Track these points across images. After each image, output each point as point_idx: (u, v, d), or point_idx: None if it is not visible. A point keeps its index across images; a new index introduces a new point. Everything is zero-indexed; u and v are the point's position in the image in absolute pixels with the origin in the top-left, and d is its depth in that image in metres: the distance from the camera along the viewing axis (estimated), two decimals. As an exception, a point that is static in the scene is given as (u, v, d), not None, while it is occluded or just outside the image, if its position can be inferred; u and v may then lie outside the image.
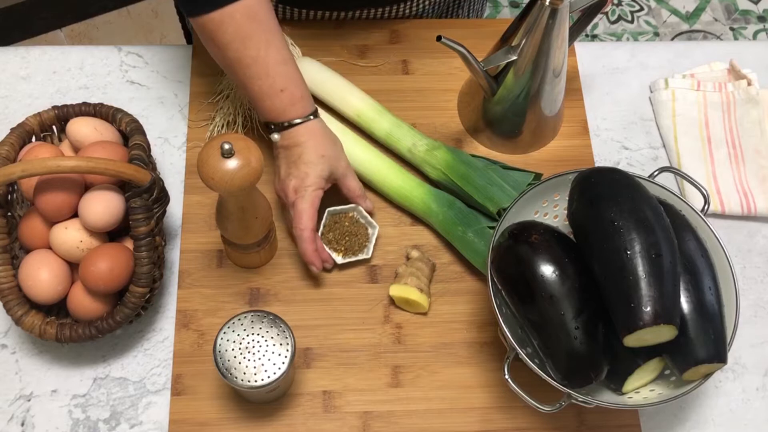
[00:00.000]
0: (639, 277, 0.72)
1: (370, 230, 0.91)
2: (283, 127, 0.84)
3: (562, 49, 0.89)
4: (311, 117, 0.85)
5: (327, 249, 0.89)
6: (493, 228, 0.88)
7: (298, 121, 0.84)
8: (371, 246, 0.90)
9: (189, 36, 1.24)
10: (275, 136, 0.84)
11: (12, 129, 0.85)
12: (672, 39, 2.20)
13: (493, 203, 0.89)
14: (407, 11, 1.06)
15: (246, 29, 0.80)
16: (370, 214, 0.92)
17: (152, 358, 0.86)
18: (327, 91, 0.97)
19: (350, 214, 0.92)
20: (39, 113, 0.87)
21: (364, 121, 0.96)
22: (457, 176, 0.91)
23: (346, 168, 0.88)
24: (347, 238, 0.90)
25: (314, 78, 0.96)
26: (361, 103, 0.96)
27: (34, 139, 0.87)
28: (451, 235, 0.90)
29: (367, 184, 0.94)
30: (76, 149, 0.86)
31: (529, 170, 0.94)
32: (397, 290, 0.87)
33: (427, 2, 1.06)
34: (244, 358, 0.74)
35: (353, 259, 0.89)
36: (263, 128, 0.87)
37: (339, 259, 0.89)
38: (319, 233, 0.90)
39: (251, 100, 0.85)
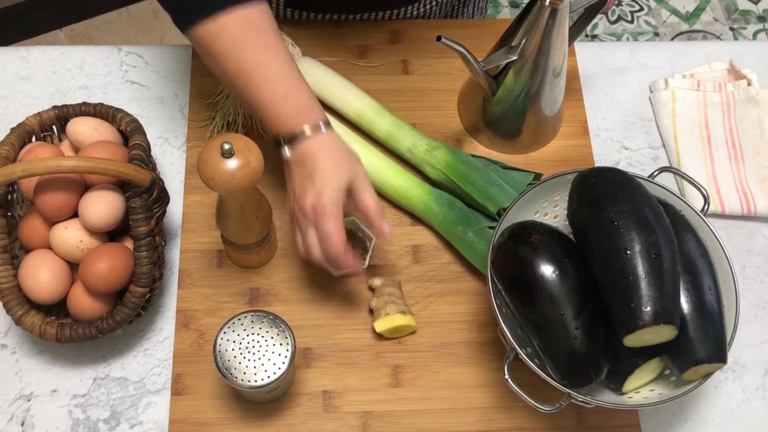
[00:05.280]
0: (639, 277, 0.72)
1: (367, 242, 0.91)
2: (293, 140, 0.78)
3: (562, 49, 0.89)
4: (321, 127, 0.78)
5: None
6: (493, 228, 0.88)
7: (308, 132, 0.77)
8: (368, 257, 0.90)
9: None
10: (286, 152, 0.79)
11: (12, 129, 0.85)
12: (672, 39, 2.20)
13: (494, 203, 0.89)
14: (407, 15, 1.06)
15: (243, 37, 0.77)
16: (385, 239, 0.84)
17: (152, 358, 0.86)
18: (327, 91, 0.97)
19: (348, 228, 0.92)
20: (39, 113, 0.87)
21: (364, 121, 0.96)
22: (457, 176, 0.91)
23: (365, 182, 0.80)
24: None
25: (314, 78, 0.96)
26: (361, 103, 0.96)
27: (34, 139, 0.87)
28: (451, 234, 0.90)
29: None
30: (76, 149, 0.86)
31: (529, 170, 0.94)
32: (382, 325, 0.85)
33: (428, 6, 1.06)
34: (244, 358, 0.74)
35: (349, 270, 0.89)
36: (274, 145, 0.80)
37: (335, 271, 0.89)
38: None
39: (257, 115, 0.80)
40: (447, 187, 0.93)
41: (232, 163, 0.71)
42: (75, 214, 0.82)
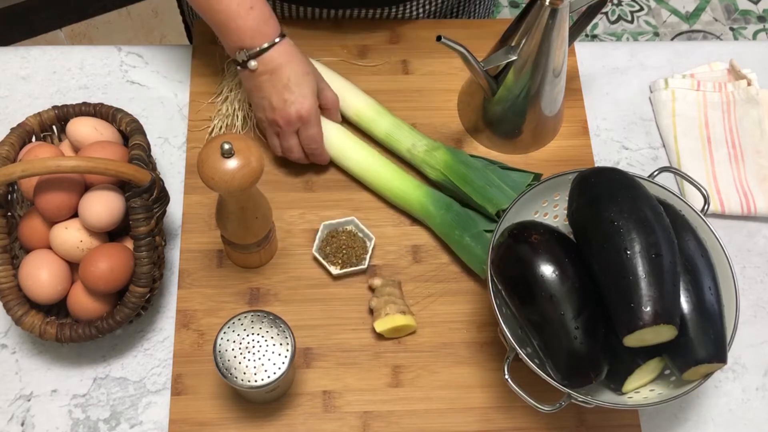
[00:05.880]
0: (639, 277, 0.72)
1: (367, 242, 0.91)
2: (258, 52, 0.83)
3: (562, 49, 0.89)
4: (283, 36, 0.85)
5: (324, 262, 0.89)
6: (490, 232, 0.89)
7: (271, 43, 0.83)
8: (368, 257, 0.90)
9: (191, 35, 1.24)
10: (252, 63, 0.84)
11: (12, 129, 0.85)
12: (672, 39, 2.20)
13: (492, 204, 0.89)
14: (406, 14, 1.06)
15: None
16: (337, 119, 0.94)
17: (152, 358, 0.86)
18: None
19: (348, 228, 0.92)
20: (39, 113, 0.87)
21: (363, 121, 0.96)
22: (456, 177, 0.91)
23: (323, 80, 0.91)
24: (344, 251, 0.90)
25: None
26: (361, 103, 0.96)
27: (34, 139, 0.87)
28: (448, 238, 0.90)
29: (365, 185, 0.94)
30: (76, 149, 0.86)
31: (529, 170, 0.94)
32: (382, 325, 0.85)
33: (426, 6, 1.06)
34: (244, 358, 0.74)
35: (349, 270, 0.89)
36: (236, 59, 0.86)
37: (335, 270, 0.89)
38: (316, 248, 0.90)
39: (221, 29, 0.84)
40: (446, 188, 0.93)
41: (232, 163, 0.71)
42: (75, 214, 0.82)
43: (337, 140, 0.93)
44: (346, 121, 0.97)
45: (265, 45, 0.83)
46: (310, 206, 0.94)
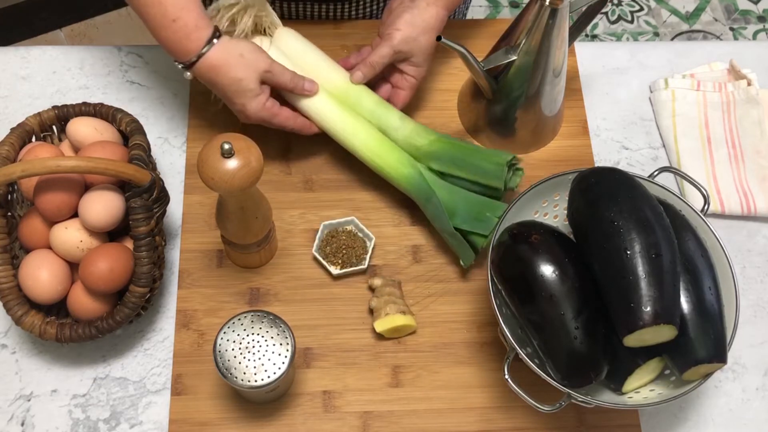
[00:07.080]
0: (639, 277, 0.72)
1: (367, 242, 0.91)
2: (189, 64, 0.84)
3: (562, 49, 0.89)
4: (208, 46, 0.82)
5: (324, 262, 0.89)
6: (461, 231, 0.87)
7: (197, 56, 0.82)
8: (368, 257, 0.90)
9: None
10: (187, 74, 0.85)
11: (12, 129, 0.85)
12: (672, 39, 2.20)
13: (498, 157, 0.87)
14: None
15: None
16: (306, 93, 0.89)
17: (152, 358, 0.86)
18: (308, 66, 0.91)
19: (348, 228, 0.92)
20: (39, 113, 0.87)
21: (346, 99, 0.92)
22: (449, 144, 0.89)
23: (268, 69, 0.85)
24: (344, 251, 0.90)
25: (294, 51, 0.91)
26: (343, 81, 0.92)
27: (34, 139, 0.87)
28: (432, 223, 0.90)
29: (349, 150, 0.92)
30: (76, 149, 0.86)
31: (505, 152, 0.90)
32: (382, 325, 0.85)
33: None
34: (244, 358, 0.74)
35: (349, 270, 0.89)
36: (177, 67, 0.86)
37: (335, 270, 0.89)
38: (316, 248, 0.90)
39: (155, 38, 0.84)
40: (438, 159, 0.89)
41: (232, 163, 0.71)
42: (75, 214, 0.82)
43: (324, 110, 0.90)
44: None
45: (188, 61, 0.83)
46: (310, 206, 0.94)
